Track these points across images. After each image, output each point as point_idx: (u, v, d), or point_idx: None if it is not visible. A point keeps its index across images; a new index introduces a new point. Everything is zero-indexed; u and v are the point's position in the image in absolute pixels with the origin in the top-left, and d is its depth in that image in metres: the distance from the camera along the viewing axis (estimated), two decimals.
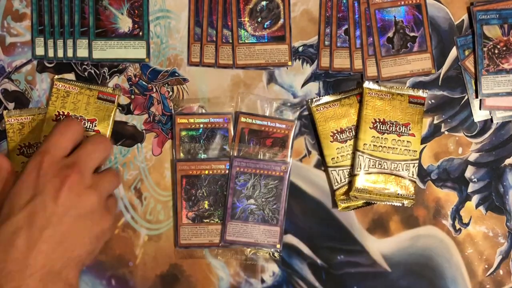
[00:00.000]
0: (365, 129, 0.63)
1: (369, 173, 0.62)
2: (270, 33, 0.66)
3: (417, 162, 0.63)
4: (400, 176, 0.62)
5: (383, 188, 0.62)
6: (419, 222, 0.65)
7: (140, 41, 0.66)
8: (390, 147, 0.63)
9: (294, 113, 0.65)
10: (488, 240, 0.65)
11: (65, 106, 0.63)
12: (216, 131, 0.65)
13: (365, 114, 0.63)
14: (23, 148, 0.63)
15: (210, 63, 0.66)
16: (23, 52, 0.66)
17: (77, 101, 0.63)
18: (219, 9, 0.66)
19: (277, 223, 0.64)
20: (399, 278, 0.65)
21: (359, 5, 0.65)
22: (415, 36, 0.66)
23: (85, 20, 0.65)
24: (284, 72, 0.66)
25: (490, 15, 0.64)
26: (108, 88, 0.64)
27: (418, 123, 0.63)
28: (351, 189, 0.62)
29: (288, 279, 0.65)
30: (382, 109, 0.63)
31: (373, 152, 0.63)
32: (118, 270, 0.65)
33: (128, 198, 0.65)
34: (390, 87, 0.64)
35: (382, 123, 0.63)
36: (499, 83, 0.64)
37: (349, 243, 0.65)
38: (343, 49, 0.66)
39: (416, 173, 0.63)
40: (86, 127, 0.63)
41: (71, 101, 0.63)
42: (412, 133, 0.63)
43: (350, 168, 0.64)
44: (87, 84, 0.64)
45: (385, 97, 0.64)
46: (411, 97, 0.64)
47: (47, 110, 0.63)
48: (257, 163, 0.64)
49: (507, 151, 0.66)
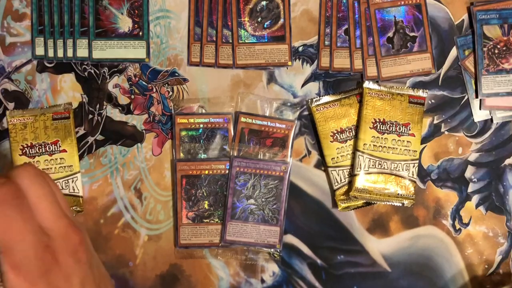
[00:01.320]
0: (365, 129, 0.63)
1: (369, 173, 0.62)
2: (270, 33, 0.66)
3: (417, 162, 0.63)
4: (400, 176, 0.62)
5: (383, 188, 0.62)
6: (419, 222, 0.65)
7: (140, 41, 0.66)
8: (390, 147, 0.63)
9: (294, 113, 0.65)
10: (488, 240, 0.65)
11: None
12: (216, 131, 0.64)
13: (365, 114, 0.63)
14: (25, 148, 0.63)
15: (210, 63, 0.66)
16: (23, 52, 0.66)
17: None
18: (219, 9, 0.66)
19: (277, 223, 0.64)
20: (399, 278, 0.65)
21: (359, 5, 0.65)
22: (415, 36, 0.66)
23: (85, 20, 0.65)
24: (284, 72, 0.66)
25: (490, 15, 0.64)
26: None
27: (418, 123, 0.63)
28: (351, 189, 0.62)
29: (288, 279, 0.65)
30: (382, 109, 0.63)
31: (373, 152, 0.62)
32: (118, 270, 0.65)
33: (128, 198, 0.65)
34: (390, 87, 0.64)
35: (382, 123, 0.63)
36: (499, 83, 0.64)
37: (349, 243, 0.65)
38: (343, 49, 0.66)
39: (416, 173, 0.63)
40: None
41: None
42: (412, 133, 0.63)
43: (350, 168, 0.64)
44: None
45: (385, 97, 0.64)
46: (411, 97, 0.64)
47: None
48: (257, 163, 0.64)
49: (507, 151, 0.66)
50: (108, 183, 0.65)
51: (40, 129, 0.64)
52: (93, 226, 0.65)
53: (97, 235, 0.65)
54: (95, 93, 0.66)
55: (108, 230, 0.65)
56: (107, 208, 0.65)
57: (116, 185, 0.65)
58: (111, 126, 0.66)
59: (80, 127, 0.66)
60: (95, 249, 0.66)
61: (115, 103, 0.66)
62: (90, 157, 0.65)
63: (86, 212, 0.65)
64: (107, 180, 0.65)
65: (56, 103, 0.66)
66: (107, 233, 0.65)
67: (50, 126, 0.64)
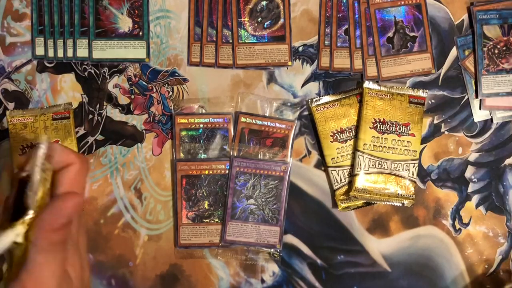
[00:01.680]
0: (365, 129, 0.63)
1: (369, 173, 0.62)
2: (270, 33, 0.66)
3: (417, 162, 0.63)
4: (400, 176, 0.62)
5: (383, 188, 0.62)
6: (419, 222, 0.65)
7: (140, 41, 0.66)
8: (390, 147, 0.63)
9: (294, 113, 0.65)
10: (488, 240, 0.65)
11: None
12: (216, 131, 0.64)
13: (365, 114, 0.63)
14: (25, 149, 0.63)
15: (210, 63, 0.66)
16: (23, 52, 0.66)
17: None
18: (219, 9, 0.66)
19: (277, 223, 0.64)
20: (399, 278, 0.65)
21: (359, 5, 0.65)
22: (415, 36, 0.65)
23: (85, 20, 0.65)
24: (284, 72, 0.66)
25: (490, 15, 0.64)
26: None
27: (418, 123, 0.63)
28: (351, 189, 0.62)
29: (288, 279, 0.65)
30: (382, 109, 0.63)
31: (373, 152, 0.62)
32: (118, 270, 0.65)
33: (128, 198, 0.65)
34: (390, 87, 0.64)
35: (382, 123, 0.63)
36: (499, 83, 0.64)
37: (349, 243, 0.65)
38: (343, 49, 0.66)
39: (416, 173, 0.62)
40: None
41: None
42: (412, 133, 0.63)
43: (350, 168, 0.64)
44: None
45: (385, 97, 0.63)
46: (411, 97, 0.64)
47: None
48: (257, 163, 0.64)
49: (507, 151, 0.66)
50: (108, 183, 0.65)
51: (40, 129, 0.64)
52: (93, 226, 0.65)
53: (97, 235, 0.65)
54: (95, 93, 0.66)
55: (108, 230, 0.65)
56: (107, 208, 0.65)
57: (116, 185, 0.65)
58: (111, 126, 0.66)
59: (80, 127, 0.65)
60: (95, 249, 0.66)
61: (115, 103, 0.66)
62: (90, 157, 0.65)
63: (86, 212, 0.65)
64: (107, 180, 0.65)
65: (56, 103, 0.66)
66: (107, 233, 0.65)
67: (50, 126, 0.64)
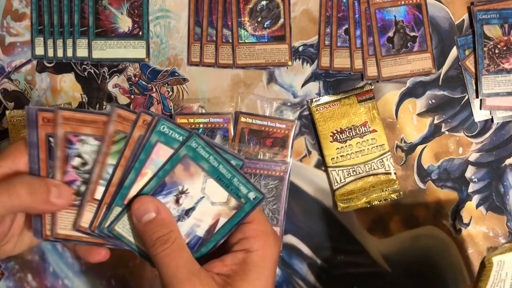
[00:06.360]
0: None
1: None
2: (270, 33, 0.66)
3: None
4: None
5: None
6: (419, 222, 0.65)
7: (140, 41, 0.66)
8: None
9: (294, 113, 0.65)
10: (489, 240, 0.65)
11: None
12: (216, 131, 0.64)
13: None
14: None
15: (210, 63, 0.66)
16: (23, 52, 0.66)
17: None
18: (219, 9, 0.66)
19: (277, 223, 0.64)
20: (399, 278, 0.65)
21: (359, 5, 0.65)
22: (416, 35, 0.65)
23: (85, 19, 0.65)
24: (284, 72, 0.66)
25: (490, 15, 0.64)
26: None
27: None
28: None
29: (288, 279, 0.65)
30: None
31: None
32: (118, 270, 0.65)
33: None
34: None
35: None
36: (499, 83, 0.64)
37: (349, 243, 0.65)
38: (343, 49, 0.66)
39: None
40: None
41: None
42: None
43: (350, 168, 0.64)
44: None
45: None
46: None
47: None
48: (257, 163, 0.64)
49: (508, 151, 0.66)
50: None
51: None
52: None
53: None
54: (95, 93, 0.66)
55: None
56: None
57: None
58: None
59: None
60: None
61: (115, 103, 0.66)
62: None
63: None
64: None
65: (56, 103, 0.65)
66: None
67: None
